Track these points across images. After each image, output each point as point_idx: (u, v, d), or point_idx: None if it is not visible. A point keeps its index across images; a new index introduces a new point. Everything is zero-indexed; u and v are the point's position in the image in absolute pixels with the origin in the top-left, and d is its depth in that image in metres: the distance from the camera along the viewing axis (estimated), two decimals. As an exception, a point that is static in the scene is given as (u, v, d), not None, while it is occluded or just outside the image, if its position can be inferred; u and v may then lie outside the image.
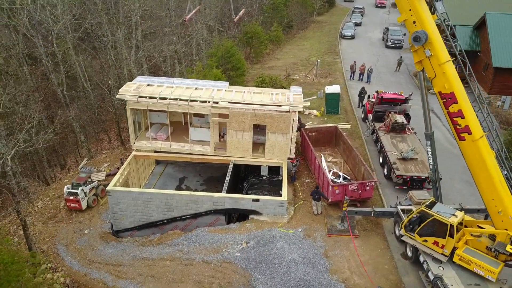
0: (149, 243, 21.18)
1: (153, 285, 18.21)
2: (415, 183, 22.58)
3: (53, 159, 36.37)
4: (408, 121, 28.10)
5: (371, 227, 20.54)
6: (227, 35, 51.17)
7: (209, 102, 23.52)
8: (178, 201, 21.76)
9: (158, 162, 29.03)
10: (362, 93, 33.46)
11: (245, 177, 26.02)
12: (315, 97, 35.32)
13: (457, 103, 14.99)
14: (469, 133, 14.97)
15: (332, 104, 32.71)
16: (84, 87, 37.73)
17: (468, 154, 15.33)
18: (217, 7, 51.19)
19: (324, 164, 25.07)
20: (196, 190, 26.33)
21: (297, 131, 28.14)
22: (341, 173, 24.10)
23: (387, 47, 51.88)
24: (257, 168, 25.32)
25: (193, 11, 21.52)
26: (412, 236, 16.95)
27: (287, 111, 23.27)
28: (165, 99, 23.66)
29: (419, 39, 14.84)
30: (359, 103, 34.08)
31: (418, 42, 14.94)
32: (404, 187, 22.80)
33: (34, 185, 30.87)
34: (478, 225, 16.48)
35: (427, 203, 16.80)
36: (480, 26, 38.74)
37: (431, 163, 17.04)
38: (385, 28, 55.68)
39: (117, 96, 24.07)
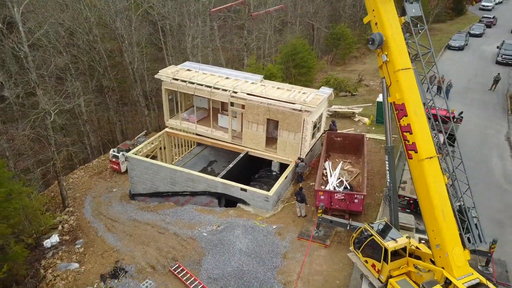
0: (146, 208, 23.57)
1: (127, 242, 20.46)
2: (418, 207, 20.23)
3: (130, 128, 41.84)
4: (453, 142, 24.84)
5: (347, 241, 19.32)
6: (317, 34, 50.88)
7: (229, 91, 24.71)
8: (179, 177, 23.60)
9: (199, 144, 31.28)
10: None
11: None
12: (371, 104, 33.42)
13: (407, 116, 13.45)
14: (416, 151, 13.31)
15: (382, 113, 30.55)
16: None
17: (414, 175, 13.63)
18: (323, 6, 51.02)
19: (337, 170, 24.14)
20: (218, 174, 27.82)
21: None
22: (346, 183, 22.93)
23: (497, 62, 45.25)
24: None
25: (222, 6, 22.73)
26: (358, 254, 15.73)
27: (298, 110, 23.11)
28: (193, 83, 25.62)
29: (373, 41, 13.66)
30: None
31: (372, 45, 13.76)
32: (407, 210, 20.67)
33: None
34: (430, 259, 14.47)
35: (379, 226, 15.33)
36: None
37: (388, 181, 15.45)
38: (503, 40, 48.49)
39: (155, 76, 26.93)
